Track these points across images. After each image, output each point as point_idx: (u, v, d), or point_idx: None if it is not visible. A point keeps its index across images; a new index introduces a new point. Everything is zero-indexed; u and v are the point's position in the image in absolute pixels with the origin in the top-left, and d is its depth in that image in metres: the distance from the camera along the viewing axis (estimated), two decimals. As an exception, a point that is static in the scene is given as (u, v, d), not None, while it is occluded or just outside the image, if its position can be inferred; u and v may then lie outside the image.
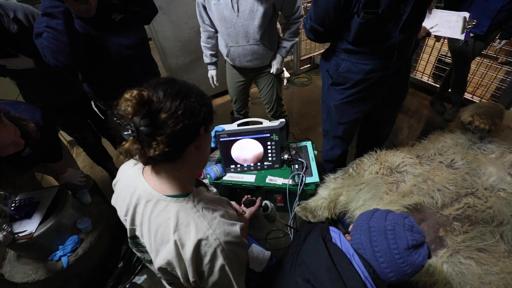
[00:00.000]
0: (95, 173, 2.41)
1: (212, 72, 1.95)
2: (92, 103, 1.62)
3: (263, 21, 1.51)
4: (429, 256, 0.74)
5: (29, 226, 1.30)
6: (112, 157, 2.22)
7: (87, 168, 2.51)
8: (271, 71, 1.77)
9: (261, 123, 1.61)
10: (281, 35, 1.77)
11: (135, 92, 0.56)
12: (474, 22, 1.71)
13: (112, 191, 0.82)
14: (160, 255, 0.66)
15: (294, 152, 1.77)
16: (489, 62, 2.57)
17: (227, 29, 1.58)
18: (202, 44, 1.84)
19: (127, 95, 0.56)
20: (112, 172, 2.23)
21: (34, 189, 1.48)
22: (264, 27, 1.55)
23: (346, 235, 0.88)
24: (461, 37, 1.72)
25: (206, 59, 1.91)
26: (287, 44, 1.71)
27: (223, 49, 1.75)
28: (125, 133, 0.56)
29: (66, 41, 1.16)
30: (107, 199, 1.85)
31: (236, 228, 0.70)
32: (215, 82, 1.99)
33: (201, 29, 1.78)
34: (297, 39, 1.75)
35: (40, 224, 1.31)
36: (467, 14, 1.67)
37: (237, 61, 1.71)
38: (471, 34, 2.08)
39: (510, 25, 1.97)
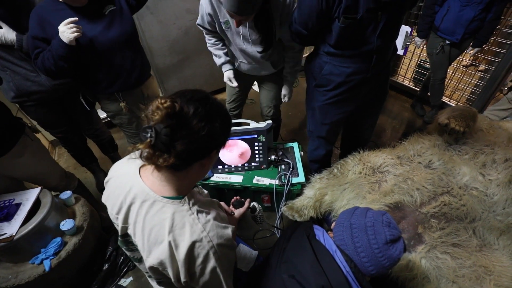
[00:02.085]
0: (79, 174, 2.34)
1: (228, 74, 1.67)
2: (80, 94, 1.61)
3: (272, 49, 1.51)
4: (404, 250, 0.79)
5: (9, 229, 1.26)
6: (97, 158, 2.18)
7: (71, 168, 2.44)
8: (284, 100, 1.76)
9: (248, 124, 1.63)
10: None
11: (168, 102, 0.58)
12: (413, 40, 1.81)
13: (97, 192, 0.82)
14: (152, 255, 0.68)
15: (280, 153, 1.80)
16: (464, 68, 2.71)
17: (236, 50, 1.56)
18: (211, 47, 1.66)
19: (159, 103, 0.58)
20: (97, 173, 2.19)
21: (15, 191, 1.44)
22: (273, 51, 1.54)
23: (329, 232, 0.92)
24: (401, 52, 1.83)
25: (219, 60, 1.67)
26: (290, 77, 1.70)
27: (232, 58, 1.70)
28: (143, 134, 0.58)
29: (66, 66, 1.28)
30: (91, 200, 1.81)
31: (228, 231, 0.72)
32: (234, 83, 1.68)
33: (205, 35, 1.62)
34: (298, 67, 1.68)
35: (21, 226, 1.27)
36: (409, 29, 1.78)
37: (243, 70, 1.70)
38: (447, 42, 2.20)
39: (481, 34, 2.10)
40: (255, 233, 1.81)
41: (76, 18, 1.20)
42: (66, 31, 1.18)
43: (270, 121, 1.64)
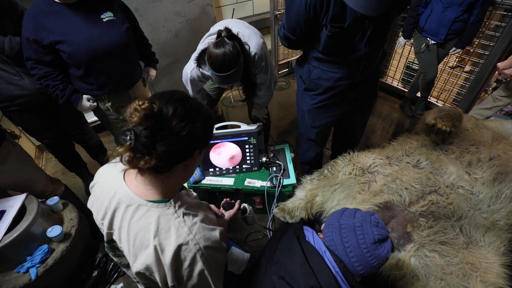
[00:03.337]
0: (67, 179, 2.31)
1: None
2: None
3: None
4: (392, 249, 0.80)
5: (-7, 237, 1.23)
6: (85, 163, 2.14)
7: (59, 173, 2.40)
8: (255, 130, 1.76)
9: (239, 126, 1.63)
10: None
11: (146, 104, 0.57)
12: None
13: (86, 198, 0.81)
14: (138, 260, 0.67)
15: (272, 154, 1.80)
16: (451, 69, 2.78)
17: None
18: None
19: (137, 105, 0.57)
20: (86, 178, 2.15)
21: (-1, 198, 1.40)
22: None
23: (319, 233, 0.93)
24: None
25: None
26: (256, 112, 1.86)
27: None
28: (123, 137, 0.57)
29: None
30: (80, 205, 1.78)
31: (216, 233, 0.71)
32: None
33: (191, 93, 1.75)
34: (264, 106, 1.86)
35: (5, 234, 1.24)
36: None
37: None
38: (432, 42, 2.27)
39: (465, 36, 2.17)
40: (247, 236, 1.80)
41: (95, 104, 1.55)
42: (87, 108, 1.53)
43: (261, 123, 1.64)
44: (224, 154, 1.66)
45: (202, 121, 0.65)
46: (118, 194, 0.69)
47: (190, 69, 1.54)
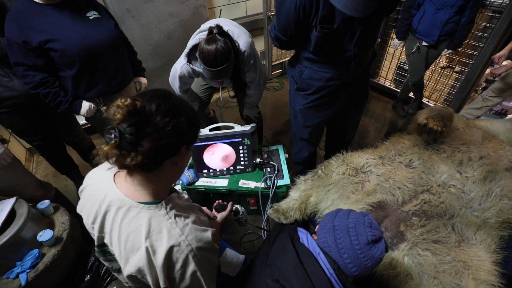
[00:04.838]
0: (59, 182, 2.28)
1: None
2: None
3: None
4: (386, 250, 0.81)
5: (-19, 242, 1.20)
6: (77, 165, 2.11)
7: (51, 176, 2.36)
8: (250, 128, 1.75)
9: (232, 127, 1.63)
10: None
11: (129, 100, 0.57)
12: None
13: (77, 201, 0.79)
14: (130, 263, 0.66)
15: (266, 155, 1.80)
16: (441, 70, 2.83)
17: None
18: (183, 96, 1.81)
19: (120, 102, 0.57)
20: (78, 180, 2.12)
21: (-13, 202, 1.37)
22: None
23: (313, 235, 0.93)
24: None
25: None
26: (248, 112, 1.90)
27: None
28: (108, 135, 0.57)
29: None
30: (72, 209, 1.75)
31: (208, 234, 0.71)
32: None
33: (179, 91, 1.73)
34: (255, 106, 1.89)
35: (-6, 239, 1.21)
36: None
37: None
38: (424, 44, 2.29)
39: (456, 37, 2.20)
40: (242, 237, 1.80)
41: (96, 107, 1.53)
42: (89, 112, 1.51)
43: (254, 124, 1.64)
44: (217, 155, 1.65)
45: (187, 116, 0.65)
46: (108, 196, 0.68)
47: (180, 65, 1.54)
